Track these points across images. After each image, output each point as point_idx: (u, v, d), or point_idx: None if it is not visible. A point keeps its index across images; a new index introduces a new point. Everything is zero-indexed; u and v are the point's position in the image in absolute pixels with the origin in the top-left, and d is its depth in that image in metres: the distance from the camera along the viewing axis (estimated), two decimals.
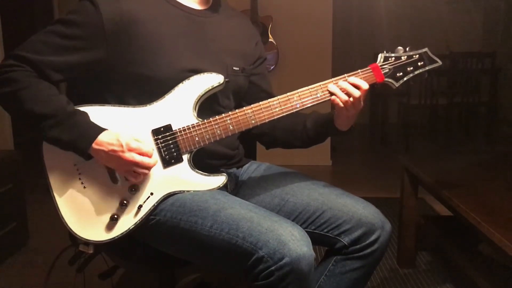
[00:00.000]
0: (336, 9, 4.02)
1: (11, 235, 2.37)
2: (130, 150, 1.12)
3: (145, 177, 1.17)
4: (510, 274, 1.62)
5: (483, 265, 1.68)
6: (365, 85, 1.20)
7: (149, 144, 1.17)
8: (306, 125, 1.34)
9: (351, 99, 1.19)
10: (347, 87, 1.19)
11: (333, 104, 1.21)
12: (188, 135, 1.19)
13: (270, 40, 3.93)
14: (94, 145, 1.12)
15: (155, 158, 1.16)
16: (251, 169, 1.42)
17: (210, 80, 1.21)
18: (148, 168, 1.15)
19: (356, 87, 1.19)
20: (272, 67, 3.95)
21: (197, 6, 1.30)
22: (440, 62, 1.26)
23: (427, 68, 1.25)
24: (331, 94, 1.20)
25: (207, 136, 1.19)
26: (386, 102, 5.02)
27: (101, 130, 1.14)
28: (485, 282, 1.58)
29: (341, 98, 1.19)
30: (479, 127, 5.06)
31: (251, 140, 1.48)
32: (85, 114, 1.16)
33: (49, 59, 1.15)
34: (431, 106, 4.54)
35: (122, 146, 1.11)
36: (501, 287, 1.55)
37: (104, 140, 1.12)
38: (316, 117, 1.34)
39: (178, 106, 1.20)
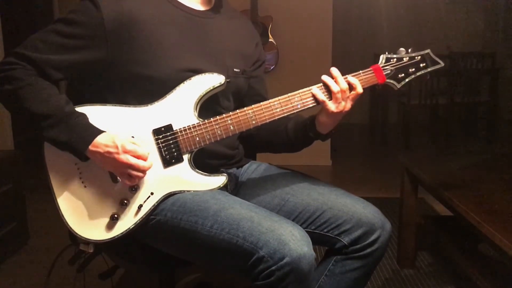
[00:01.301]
0: (336, 9, 4.01)
1: (11, 235, 2.37)
2: (125, 152, 1.12)
3: (140, 180, 1.16)
4: (510, 274, 1.62)
5: (483, 265, 1.69)
6: (359, 88, 1.20)
7: (145, 147, 1.16)
8: (287, 125, 1.35)
9: (339, 94, 1.19)
10: (341, 81, 1.19)
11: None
12: (189, 135, 1.19)
13: (270, 40, 3.93)
14: (91, 147, 1.12)
15: (150, 161, 1.16)
16: (251, 169, 1.42)
17: (211, 81, 1.21)
18: (143, 171, 1.14)
19: (351, 86, 1.20)
20: (272, 67, 3.95)
21: (199, 7, 1.31)
22: (442, 64, 1.25)
23: (429, 69, 1.25)
24: (324, 84, 1.20)
25: (208, 136, 1.19)
26: (386, 102, 5.02)
27: (99, 132, 1.14)
28: (485, 282, 1.58)
29: (331, 87, 1.19)
30: (479, 127, 5.06)
31: (242, 142, 1.48)
32: (83, 115, 1.16)
33: (49, 57, 1.15)
34: (431, 106, 4.54)
35: (117, 147, 1.11)
36: (501, 287, 1.55)
37: (100, 142, 1.12)
38: (298, 118, 1.34)
39: (179, 106, 1.20)
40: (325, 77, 1.21)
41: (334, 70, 1.21)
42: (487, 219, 1.43)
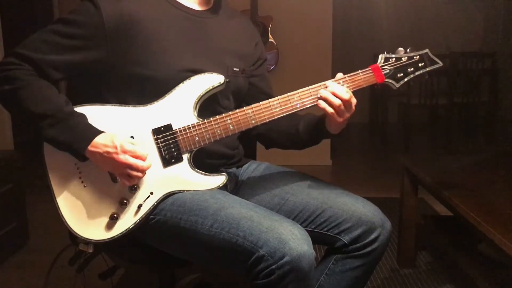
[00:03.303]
0: (336, 9, 4.02)
1: (11, 235, 2.36)
2: (124, 152, 1.12)
3: (139, 180, 1.17)
4: (510, 274, 1.62)
5: (483, 265, 1.68)
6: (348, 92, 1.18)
7: (145, 147, 1.16)
8: (298, 128, 1.35)
9: (342, 106, 1.17)
10: (341, 94, 1.18)
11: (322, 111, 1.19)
12: (189, 135, 1.19)
13: (270, 40, 3.93)
14: (90, 147, 1.12)
15: (149, 162, 1.16)
16: (250, 169, 1.42)
17: (210, 80, 1.21)
18: (142, 171, 1.14)
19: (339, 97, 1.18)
20: (272, 67, 3.95)
21: (198, 7, 1.31)
22: (440, 64, 1.26)
23: (427, 69, 1.25)
24: (323, 99, 1.18)
25: (207, 136, 1.19)
26: (386, 102, 5.02)
27: (98, 132, 1.14)
28: (485, 282, 1.58)
29: (333, 103, 1.17)
30: (479, 127, 5.06)
31: (251, 140, 1.49)
32: (83, 116, 1.16)
33: (49, 57, 1.15)
34: (431, 106, 4.54)
35: (116, 148, 1.11)
36: (501, 287, 1.55)
37: (99, 142, 1.12)
38: (309, 120, 1.34)
39: (179, 106, 1.20)
40: (323, 92, 1.18)
41: (330, 85, 1.19)
42: (487, 219, 1.43)
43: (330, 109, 1.17)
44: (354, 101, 1.20)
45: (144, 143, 1.17)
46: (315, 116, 1.33)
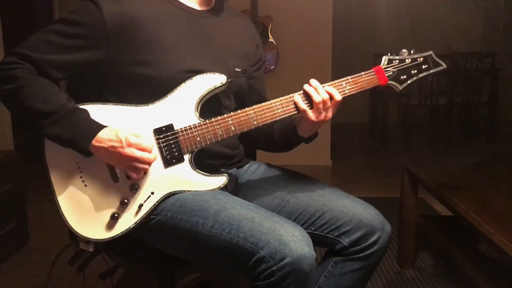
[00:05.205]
0: (336, 9, 4.02)
1: (11, 235, 2.36)
2: (130, 145, 1.12)
3: (146, 173, 1.17)
4: (510, 274, 1.62)
5: (483, 265, 1.68)
6: (338, 96, 1.19)
7: (149, 140, 1.17)
8: (273, 128, 1.35)
9: (321, 105, 1.18)
10: (322, 92, 1.18)
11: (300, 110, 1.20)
12: (190, 135, 1.19)
13: (270, 40, 3.93)
14: (94, 142, 1.12)
15: (155, 153, 1.16)
16: (251, 170, 1.42)
17: (213, 80, 1.21)
18: (148, 163, 1.15)
19: (330, 95, 1.19)
20: (272, 67, 3.95)
21: (199, 7, 1.31)
22: (444, 66, 1.25)
23: (431, 71, 1.24)
24: (305, 93, 1.19)
25: (209, 136, 1.19)
26: (386, 102, 5.02)
27: (101, 127, 1.14)
28: (485, 282, 1.58)
29: (313, 97, 1.18)
30: (479, 127, 5.06)
31: (242, 142, 1.48)
32: (85, 112, 1.16)
33: (49, 57, 1.15)
34: (431, 106, 4.54)
35: (121, 141, 1.12)
36: (501, 287, 1.55)
37: (104, 137, 1.13)
38: (284, 119, 1.31)
39: (180, 106, 1.20)
40: (307, 87, 1.20)
41: (314, 81, 1.20)
42: (487, 219, 1.43)
43: (302, 106, 1.18)
44: (329, 104, 1.19)
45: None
46: (291, 117, 1.32)
